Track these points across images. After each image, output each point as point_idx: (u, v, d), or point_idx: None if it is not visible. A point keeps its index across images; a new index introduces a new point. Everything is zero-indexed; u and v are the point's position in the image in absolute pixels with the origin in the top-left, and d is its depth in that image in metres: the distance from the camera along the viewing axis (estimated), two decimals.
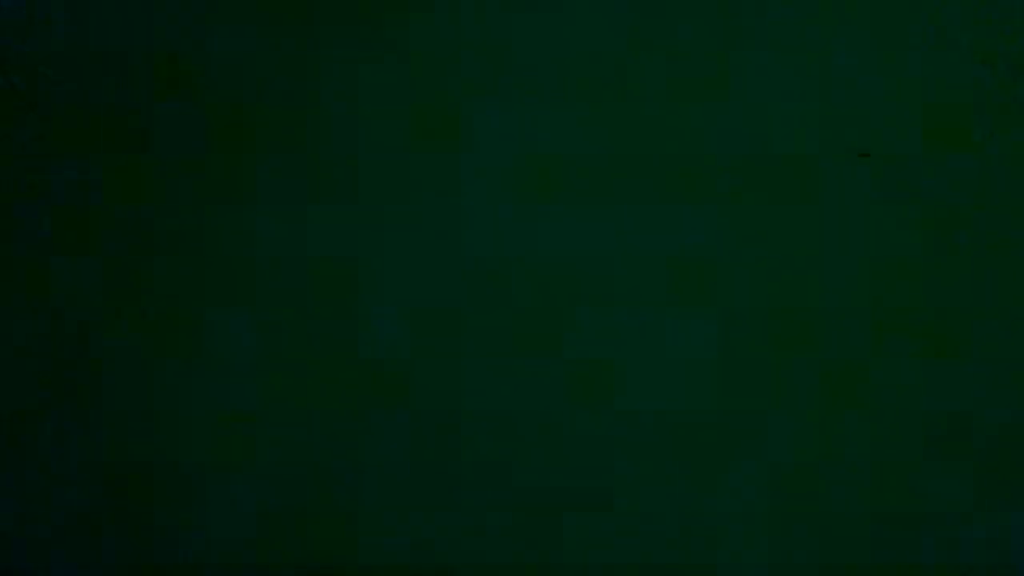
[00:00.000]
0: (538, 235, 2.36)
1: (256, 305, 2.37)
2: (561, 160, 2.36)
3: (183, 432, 2.37)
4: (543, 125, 2.36)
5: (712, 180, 2.34)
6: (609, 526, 2.34)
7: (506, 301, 2.35)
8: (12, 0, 2.39)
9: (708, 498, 2.32)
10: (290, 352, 2.37)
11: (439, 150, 2.37)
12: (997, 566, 2.30)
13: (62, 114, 2.40)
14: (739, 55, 2.34)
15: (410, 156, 2.37)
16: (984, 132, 2.31)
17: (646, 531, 2.33)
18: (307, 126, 2.38)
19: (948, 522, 2.30)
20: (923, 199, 2.32)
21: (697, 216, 2.34)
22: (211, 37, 2.39)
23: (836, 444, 2.31)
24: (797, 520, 2.31)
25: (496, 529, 2.34)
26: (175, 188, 2.38)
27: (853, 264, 2.32)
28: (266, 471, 2.36)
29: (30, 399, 2.38)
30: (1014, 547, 2.29)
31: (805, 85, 2.34)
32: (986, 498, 2.29)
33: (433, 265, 2.36)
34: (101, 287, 2.38)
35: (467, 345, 2.35)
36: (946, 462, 2.31)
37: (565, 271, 2.35)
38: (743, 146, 2.34)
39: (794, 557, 2.32)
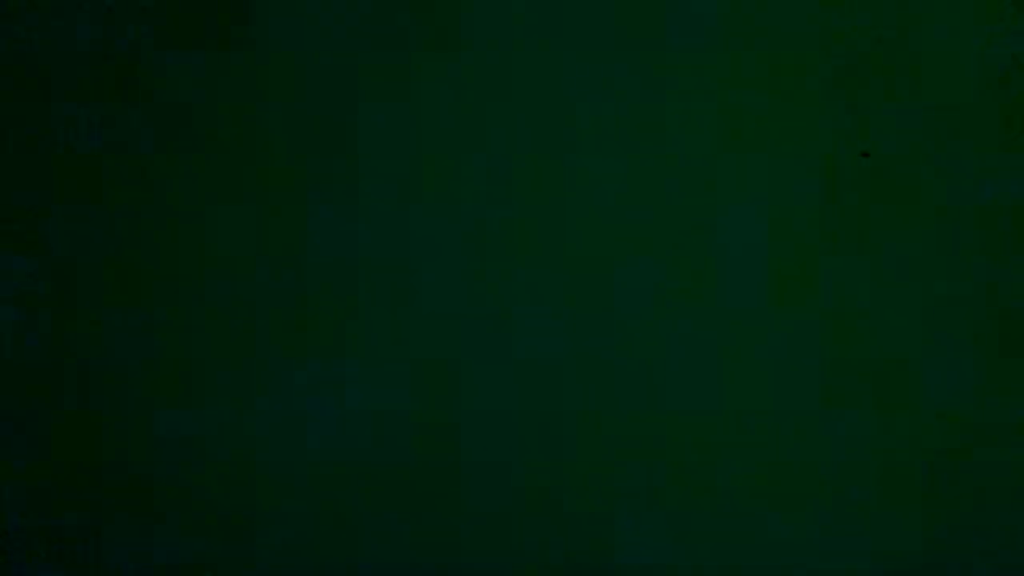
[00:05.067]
0: (537, 235, 2.36)
1: (255, 305, 2.37)
2: (561, 166, 2.36)
3: (182, 432, 2.37)
4: (542, 134, 2.37)
5: (709, 179, 2.35)
6: (610, 527, 2.33)
7: (506, 303, 2.35)
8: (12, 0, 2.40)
9: (709, 499, 2.32)
10: (290, 350, 2.37)
11: (441, 152, 2.37)
12: (997, 567, 2.30)
13: (62, 113, 2.40)
14: (738, 55, 2.35)
15: (410, 156, 2.38)
16: (983, 132, 2.32)
17: (647, 532, 2.33)
18: (307, 126, 2.38)
19: (949, 524, 2.30)
20: (923, 199, 2.32)
21: (695, 216, 2.34)
22: (218, 37, 2.40)
23: (838, 445, 2.31)
24: (799, 522, 2.31)
25: (496, 529, 2.34)
26: (175, 188, 2.39)
27: (852, 264, 2.32)
28: (266, 472, 2.37)
29: (28, 399, 2.39)
30: (1014, 549, 2.30)
31: (805, 85, 2.34)
32: (988, 500, 2.30)
33: (433, 266, 2.36)
34: (100, 287, 2.38)
35: (467, 347, 2.35)
36: (947, 462, 2.31)
37: (565, 271, 2.35)
38: (742, 147, 2.34)
39: (796, 558, 2.32)
